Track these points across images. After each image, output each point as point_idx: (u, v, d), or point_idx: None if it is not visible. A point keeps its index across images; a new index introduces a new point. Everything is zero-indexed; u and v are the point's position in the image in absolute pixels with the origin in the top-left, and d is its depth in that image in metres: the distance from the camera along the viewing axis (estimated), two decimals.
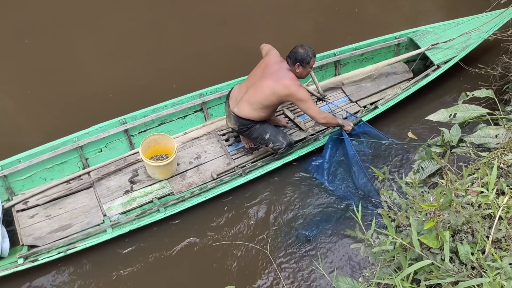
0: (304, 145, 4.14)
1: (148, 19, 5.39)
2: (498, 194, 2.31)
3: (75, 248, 3.38)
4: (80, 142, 3.85)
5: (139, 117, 4.05)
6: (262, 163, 4.01)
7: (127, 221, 3.60)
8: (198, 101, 4.20)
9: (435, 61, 4.53)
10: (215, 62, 4.94)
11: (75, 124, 4.04)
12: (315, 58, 3.63)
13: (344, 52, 4.63)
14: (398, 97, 4.35)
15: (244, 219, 3.81)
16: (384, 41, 4.73)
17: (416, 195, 2.48)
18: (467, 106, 3.34)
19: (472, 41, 4.61)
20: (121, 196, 3.81)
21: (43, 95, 4.63)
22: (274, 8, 5.61)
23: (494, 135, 3.03)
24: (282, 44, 4.19)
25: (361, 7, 5.69)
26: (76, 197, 3.79)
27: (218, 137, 4.23)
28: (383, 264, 2.34)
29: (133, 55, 5.02)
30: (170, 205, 3.70)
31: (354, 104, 4.56)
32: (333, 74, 4.74)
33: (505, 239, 2.06)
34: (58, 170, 3.88)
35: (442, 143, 3.17)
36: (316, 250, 3.65)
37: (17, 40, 5.03)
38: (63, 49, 5.01)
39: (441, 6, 5.77)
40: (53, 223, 3.62)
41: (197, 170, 4.01)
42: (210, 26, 5.33)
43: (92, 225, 3.63)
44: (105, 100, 4.58)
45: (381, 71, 4.70)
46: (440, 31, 4.74)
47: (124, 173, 3.96)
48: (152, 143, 3.90)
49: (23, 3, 5.39)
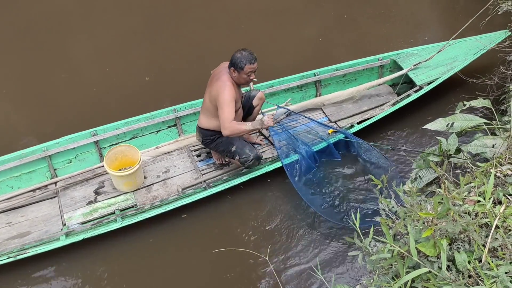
0: (274, 161, 4.03)
1: (132, 28, 5.60)
2: (495, 203, 2.33)
3: (25, 254, 3.32)
4: (49, 151, 3.87)
5: (111, 129, 4.06)
6: (228, 177, 3.91)
7: (83, 230, 3.54)
8: (171, 116, 4.19)
9: (418, 82, 4.42)
10: (191, 77, 5.00)
11: (47, 133, 4.10)
12: (254, 65, 3.41)
13: (324, 72, 4.57)
14: (376, 117, 4.21)
15: (206, 233, 3.69)
16: (366, 62, 4.66)
17: (414, 204, 2.45)
18: (464, 116, 3.36)
19: (457, 63, 4.49)
20: (83, 207, 3.77)
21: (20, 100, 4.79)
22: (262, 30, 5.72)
23: (491, 144, 3.02)
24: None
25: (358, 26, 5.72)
26: (39, 206, 3.77)
27: (190, 152, 4.19)
28: (381, 272, 2.33)
29: (115, 64, 5.20)
30: (128, 216, 3.63)
31: (333, 124, 4.45)
32: (313, 95, 4.67)
33: (502, 248, 2.08)
34: (26, 178, 3.90)
35: (440, 152, 3.14)
36: (315, 256, 3.55)
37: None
38: (42, 58, 5.23)
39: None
40: (12, 230, 3.60)
41: (163, 184, 3.95)
42: (190, 43, 5.45)
43: (50, 233, 3.58)
44: (79, 110, 4.66)
45: (364, 93, 4.60)
46: (425, 53, 4.64)
47: (90, 184, 3.93)
48: (119, 154, 3.89)
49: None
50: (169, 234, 3.68)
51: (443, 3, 6.14)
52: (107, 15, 5.88)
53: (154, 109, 4.21)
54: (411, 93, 4.38)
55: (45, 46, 5.41)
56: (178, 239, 3.67)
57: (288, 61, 5.19)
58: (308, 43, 5.53)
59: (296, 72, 4.58)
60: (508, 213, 2.16)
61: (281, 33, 5.66)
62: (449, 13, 5.98)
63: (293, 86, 4.47)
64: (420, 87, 4.40)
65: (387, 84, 4.70)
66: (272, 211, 3.84)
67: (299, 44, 5.50)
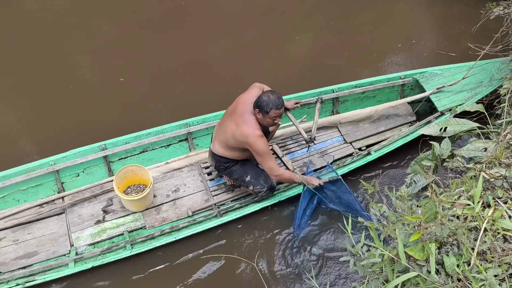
0: (287, 188, 3.94)
1: (140, 39, 5.36)
2: (484, 207, 2.33)
3: (34, 281, 3.29)
4: (56, 166, 3.76)
5: (120, 143, 3.93)
6: (240, 204, 3.84)
7: (91, 256, 3.49)
8: (183, 131, 4.05)
9: (439, 107, 4.24)
10: (206, 91, 4.82)
11: (54, 146, 3.97)
12: (280, 111, 3.28)
13: (343, 89, 4.39)
14: (394, 144, 4.09)
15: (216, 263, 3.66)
16: (387, 80, 4.47)
17: (405, 208, 2.47)
18: (457, 120, 3.44)
19: (482, 88, 4.31)
20: (91, 226, 3.71)
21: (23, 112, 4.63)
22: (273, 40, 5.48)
23: (483, 148, 3.02)
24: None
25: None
26: (46, 223, 3.71)
27: (201, 170, 4.08)
28: (372, 277, 2.36)
29: (125, 77, 4.98)
30: (138, 242, 3.58)
31: (348, 145, 4.33)
32: (330, 111, 4.51)
33: (490, 251, 2.11)
34: (32, 192, 3.81)
35: (433, 157, 3.13)
36: (308, 262, 3.59)
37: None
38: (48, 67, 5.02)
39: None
40: (19, 249, 3.55)
41: (173, 204, 3.87)
42: (205, 56, 5.23)
43: (58, 254, 3.54)
44: (87, 122, 4.52)
45: (382, 113, 4.44)
46: (449, 74, 4.44)
47: (98, 201, 3.85)
48: (129, 173, 3.79)
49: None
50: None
51: (438, 8, 5.87)
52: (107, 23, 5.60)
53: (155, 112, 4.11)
54: (431, 119, 4.22)
55: (46, 54, 5.21)
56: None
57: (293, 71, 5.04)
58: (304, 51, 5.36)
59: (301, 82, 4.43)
60: (497, 216, 2.18)
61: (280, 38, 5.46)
62: (444, 19, 5.75)
63: (311, 102, 4.30)
64: (441, 113, 4.24)
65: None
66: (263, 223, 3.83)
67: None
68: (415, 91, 4.58)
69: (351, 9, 5.83)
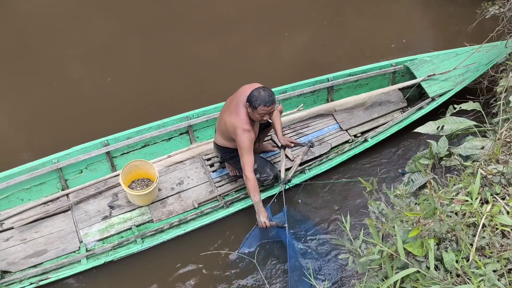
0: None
1: (138, 38, 5.32)
2: (482, 203, 2.35)
3: (48, 279, 3.32)
4: (59, 164, 3.75)
5: (122, 139, 3.94)
6: (245, 194, 3.93)
7: (103, 252, 3.53)
8: (184, 124, 4.08)
9: (430, 94, 4.41)
10: (207, 83, 4.85)
11: (56, 143, 3.95)
12: (268, 108, 3.27)
13: (338, 78, 4.50)
14: (389, 131, 4.25)
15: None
16: (379, 68, 4.60)
17: (403, 206, 2.52)
18: (454, 119, 3.42)
19: (470, 73, 4.49)
20: (99, 222, 3.73)
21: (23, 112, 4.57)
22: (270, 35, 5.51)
23: (480, 146, 3.05)
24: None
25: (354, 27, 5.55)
26: (53, 221, 3.71)
27: (203, 162, 4.14)
28: (371, 274, 2.38)
29: (122, 75, 4.97)
30: (148, 236, 3.63)
31: (344, 132, 4.46)
32: (325, 99, 4.62)
33: (489, 246, 2.12)
34: (36, 190, 3.79)
35: (430, 155, 3.16)
36: (307, 259, 3.66)
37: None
38: (46, 68, 4.95)
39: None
40: (28, 248, 3.56)
41: (178, 197, 3.93)
42: (203, 51, 5.23)
43: (68, 251, 3.56)
44: (88, 118, 4.50)
45: (375, 99, 4.58)
46: (438, 61, 4.60)
47: (103, 196, 3.87)
48: (133, 168, 3.81)
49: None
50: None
51: (433, 9, 5.95)
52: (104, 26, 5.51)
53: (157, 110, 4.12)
54: (423, 105, 4.39)
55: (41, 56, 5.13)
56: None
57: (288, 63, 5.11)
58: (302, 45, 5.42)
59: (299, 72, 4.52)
60: (495, 212, 2.19)
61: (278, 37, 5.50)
62: (439, 20, 5.81)
63: (306, 91, 4.39)
64: (432, 99, 4.40)
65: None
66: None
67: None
68: (405, 77, 4.73)
69: (345, 9, 5.86)
